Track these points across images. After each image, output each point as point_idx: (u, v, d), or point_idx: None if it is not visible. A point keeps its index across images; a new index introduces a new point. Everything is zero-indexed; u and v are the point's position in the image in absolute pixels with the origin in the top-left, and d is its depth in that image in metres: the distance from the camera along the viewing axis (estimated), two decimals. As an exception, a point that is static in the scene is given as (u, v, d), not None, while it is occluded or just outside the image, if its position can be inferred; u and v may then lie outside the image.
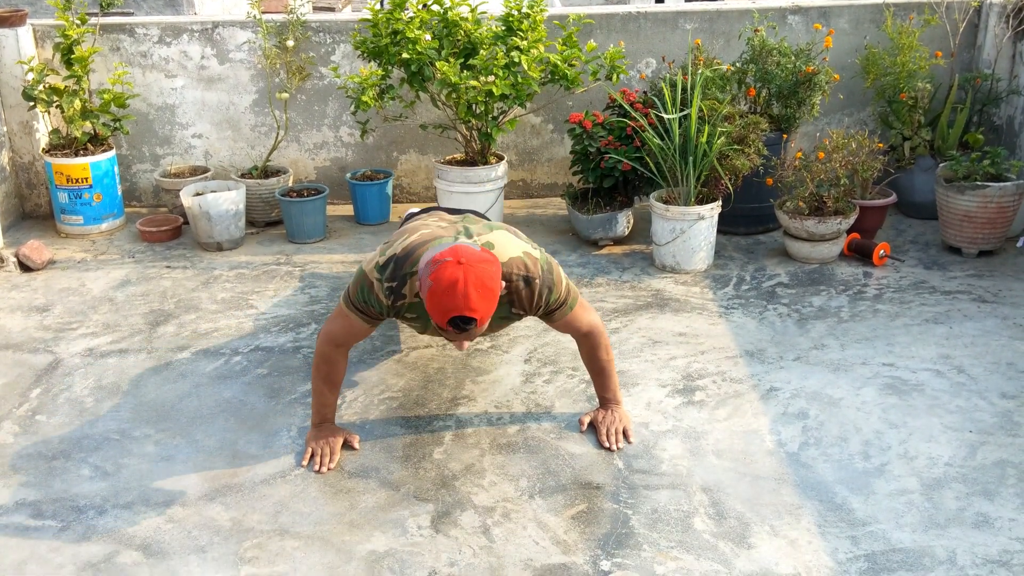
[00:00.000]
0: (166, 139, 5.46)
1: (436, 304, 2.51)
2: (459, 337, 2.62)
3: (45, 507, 2.83)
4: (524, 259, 2.79)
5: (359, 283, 2.83)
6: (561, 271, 2.89)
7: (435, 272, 2.50)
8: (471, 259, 2.52)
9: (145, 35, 5.28)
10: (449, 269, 2.49)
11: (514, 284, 2.78)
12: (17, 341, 3.89)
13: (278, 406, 3.36)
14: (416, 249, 2.75)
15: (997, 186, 4.39)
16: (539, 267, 2.81)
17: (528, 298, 2.81)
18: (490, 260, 2.57)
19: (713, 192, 4.47)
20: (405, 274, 2.74)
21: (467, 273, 2.48)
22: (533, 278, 2.79)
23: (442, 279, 2.48)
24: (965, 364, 3.54)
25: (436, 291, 2.49)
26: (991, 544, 2.58)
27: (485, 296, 2.51)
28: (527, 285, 2.79)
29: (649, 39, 5.33)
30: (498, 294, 2.57)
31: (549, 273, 2.82)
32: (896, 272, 4.41)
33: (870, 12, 5.28)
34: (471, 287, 2.48)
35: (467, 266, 2.49)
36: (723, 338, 3.79)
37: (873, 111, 5.30)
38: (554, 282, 2.83)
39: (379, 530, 2.70)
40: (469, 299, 2.48)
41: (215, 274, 4.54)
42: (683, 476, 2.91)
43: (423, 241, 2.78)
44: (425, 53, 4.63)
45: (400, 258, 2.75)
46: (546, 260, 2.85)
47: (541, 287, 2.80)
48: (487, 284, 2.52)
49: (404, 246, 2.79)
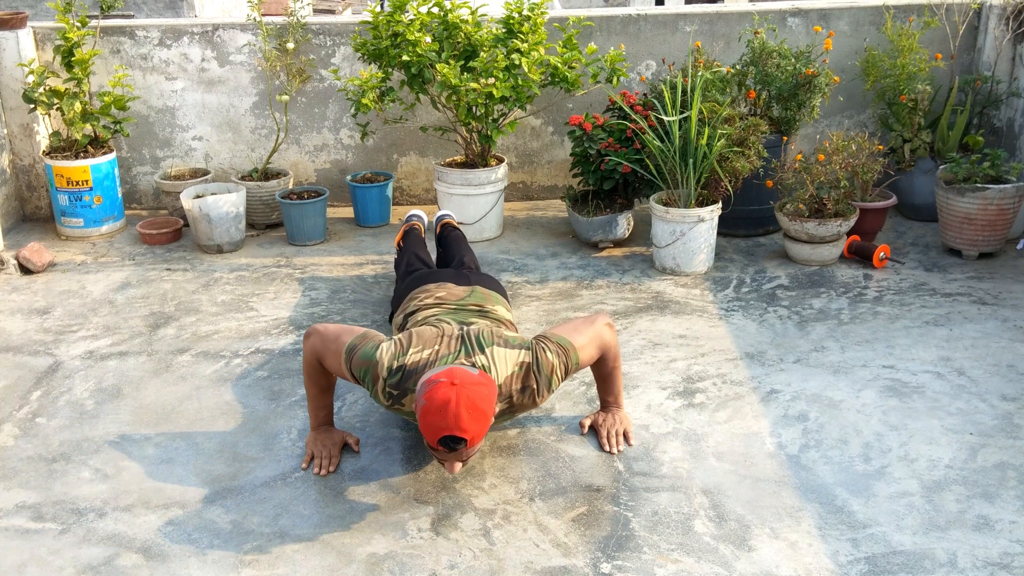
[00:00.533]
0: (166, 141, 5.46)
1: (427, 423, 2.54)
2: (450, 457, 2.63)
3: (45, 509, 2.83)
4: (518, 372, 2.82)
5: (366, 365, 2.80)
6: (551, 355, 2.85)
7: (428, 392, 2.54)
8: (464, 380, 2.55)
9: (145, 37, 5.28)
10: (442, 390, 2.52)
11: (515, 398, 2.83)
12: (17, 343, 3.89)
13: (278, 408, 3.36)
14: (423, 369, 2.77)
15: (997, 188, 4.39)
16: (531, 372, 2.83)
17: (532, 398, 2.86)
18: (484, 383, 2.60)
19: (713, 194, 4.47)
20: (408, 389, 2.78)
21: (459, 394, 2.52)
22: (529, 386, 2.83)
23: (435, 399, 2.52)
24: (965, 366, 3.54)
25: (428, 410, 2.53)
26: (992, 546, 2.58)
27: (476, 418, 2.54)
28: (528, 393, 2.84)
29: (649, 41, 5.34)
30: (491, 416, 2.61)
31: (540, 371, 2.83)
32: (896, 274, 4.41)
33: (870, 14, 5.28)
34: (462, 408, 2.51)
35: (460, 387, 2.53)
36: (723, 340, 3.79)
37: (873, 113, 5.30)
38: (549, 375, 2.84)
39: (379, 533, 2.70)
40: (460, 419, 2.51)
41: (215, 276, 4.54)
42: (683, 478, 2.91)
43: (432, 360, 2.77)
44: (425, 55, 4.64)
45: (408, 373, 2.77)
46: (535, 358, 2.84)
47: (541, 386, 2.84)
48: (479, 406, 2.55)
49: (415, 360, 2.78)
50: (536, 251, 4.81)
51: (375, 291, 4.34)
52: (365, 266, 4.66)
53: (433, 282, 3.44)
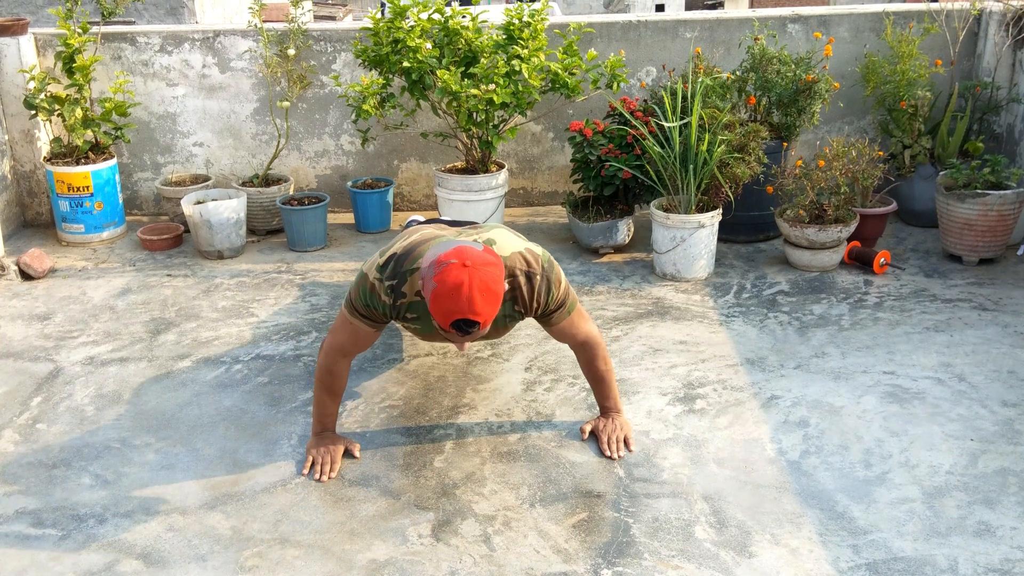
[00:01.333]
0: (167, 147, 5.47)
1: (440, 307, 2.50)
2: (461, 339, 2.62)
3: (45, 516, 2.83)
4: (526, 255, 2.80)
5: (360, 286, 2.83)
6: (562, 273, 2.90)
7: (439, 274, 2.49)
8: (476, 261, 2.50)
9: (146, 44, 5.29)
10: (454, 272, 2.48)
11: (516, 279, 2.78)
12: (18, 349, 3.89)
13: (279, 414, 3.36)
14: (416, 247, 2.75)
15: (997, 194, 4.40)
16: (540, 263, 2.82)
17: (529, 294, 2.81)
18: (494, 262, 2.56)
19: (713, 200, 4.47)
20: (405, 271, 2.74)
21: (472, 276, 2.47)
22: (534, 273, 2.80)
23: (447, 281, 2.47)
24: (966, 372, 3.54)
25: (440, 293, 2.48)
26: (993, 553, 2.58)
27: (489, 299, 2.51)
28: (528, 280, 2.80)
29: (649, 47, 5.34)
30: (501, 296, 2.57)
31: (550, 270, 2.83)
32: (897, 280, 4.41)
33: (870, 21, 5.29)
34: (475, 290, 2.47)
35: (472, 268, 2.48)
36: (724, 346, 3.79)
37: (873, 119, 5.31)
38: (553, 280, 2.84)
39: (380, 539, 2.70)
40: (473, 302, 2.47)
41: (216, 282, 4.55)
42: (684, 484, 2.91)
43: (423, 240, 2.78)
44: (426, 62, 4.64)
45: (400, 256, 2.75)
46: (547, 258, 2.86)
47: (541, 282, 2.81)
48: (491, 287, 2.51)
49: (404, 245, 2.79)
50: (536, 257, 4.81)
51: (376, 297, 4.34)
52: (366, 272, 4.66)
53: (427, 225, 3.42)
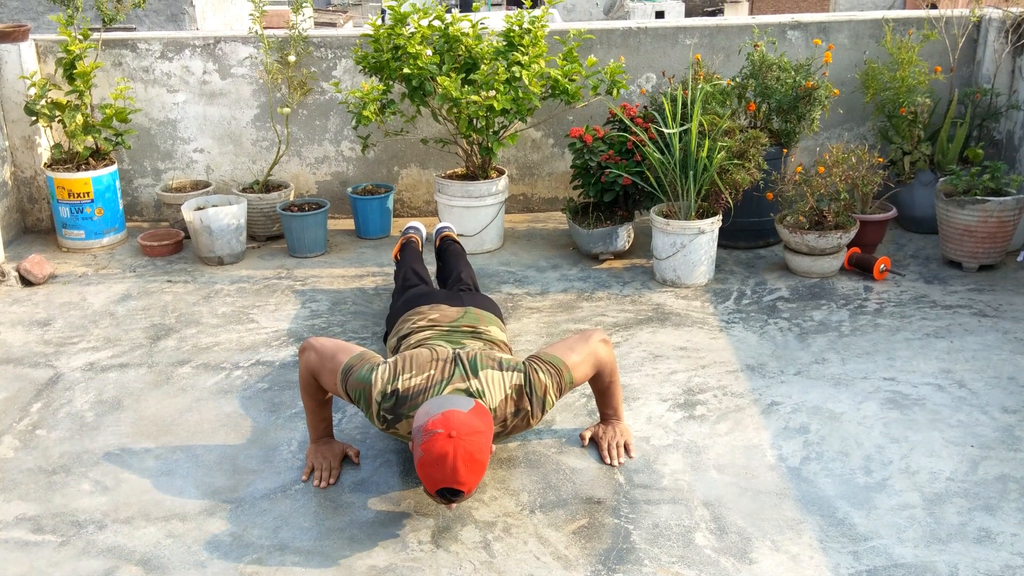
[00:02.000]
0: (168, 154, 5.48)
1: (426, 474, 2.55)
2: (446, 504, 2.66)
3: (45, 522, 2.82)
4: (512, 395, 2.83)
5: (362, 388, 2.82)
6: (547, 378, 2.86)
7: (426, 443, 2.53)
8: (462, 431, 2.54)
9: (147, 50, 5.30)
10: (439, 443, 2.51)
11: (509, 421, 2.84)
12: (18, 355, 3.89)
13: (278, 420, 3.36)
14: (418, 395, 2.77)
15: (997, 200, 4.40)
16: (524, 395, 2.84)
17: (526, 421, 2.87)
18: (481, 430, 2.59)
19: (713, 206, 4.48)
20: (402, 414, 2.78)
21: (457, 447, 2.51)
22: (523, 409, 2.84)
23: (432, 451, 2.51)
24: (966, 378, 3.54)
25: (426, 462, 2.53)
26: (993, 559, 2.57)
27: (473, 470, 2.55)
28: (522, 416, 2.85)
29: (649, 54, 5.35)
30: (487, 463, 2.61)
31: (533, 393, 2.84)
32: (897, 286, 4.41)
33: (869, 27, 5.30)
34: (460, 461, 2.51)
35: (457, 440, 2.52)
36: (724, 352, 3.79)
37: (873, 126, 5.31)
38: (542, 396, 2.85)
39: (379, 545, 2.69)
40: (458, 473, 2.52)
41: (216, 288, 4.55)
42: (684, 491, 2.90)
43: (426, 387, 2.78)
44: (426, 68, 4.65)
45: (402, 398, 2.78)
46: (528, 380, 2.85)
47: (535, 407, 2.85)
48: (476, 457, 2.55)
49: (408, 386, 2.79)
50: (537, 263, 4.81)
51: (375, 303, 4.34)
52: (366, 278, 4.66)
53: (427, 303, 3.45)
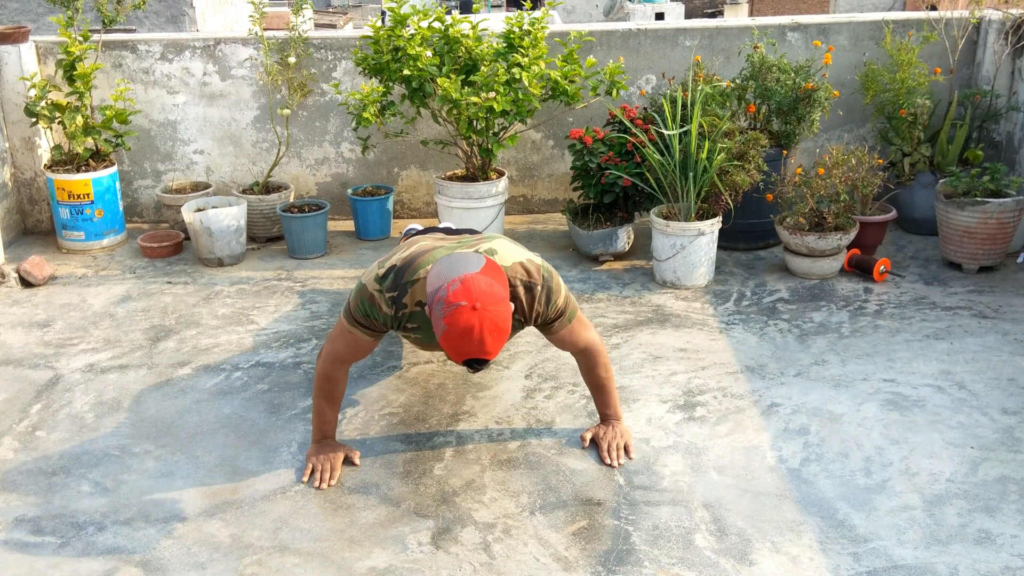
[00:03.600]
0: (168, 155, 5.48)
1: (452, 347, 2.54)
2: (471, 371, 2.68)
3: (45, 523, 2.82)
4: (526, 264, 2.84)
5: (359, 296, 2.85)
6: (562, 282, 2.93)
7: (449, 316, 2.51)
8: (485, 301, 2.52)
9: (147, 52, 5.30)
10: (464, 315, 2.50)
11: (516, 289, 2.81)
12: (18, 357, 3.89)
13: (278, 422, 3.36)
14: (416, 259, 2.78)
15: (997, 202, 4.40)
16: (540, 273, 2.85)
17: (529, 303, 2.84)
18: (502, 297, 2.58)
19: (713, 208, 4.48)
20: (406, 283, 2.76)
21: (482, 319, 2.50)
22: (534, 284, 2.83)
23: (458, 324, 2.50)
24: (966, 380, 3.54)
25: (451, 335, 2.52)
26: (993, 561, 2.57)
27: (499, 338, 2.55)
28: (528, 291, 2.83)
29: (649, 55, 5.35)
30: (509, 330, 2.61)
31: (550, 280, 2.86)
32: (896, 288, 4.41)
33: (869, 29, 5.30)
34: (486, 332, 2.51)
35: (482, 312, 2.51)
36: (724, 354, 3.79)
37: (873, 127, 5.32)
38: (553, 289, 2.87)
39: (379, 546, 2.69)
40: (484, 343, 2.51)
41: (216, 290, 4.55)
42: (684, 492, 2.91)
43: (422, 251, 2.80)
44: (426, 70, 4.65)
45: (400, 268, 2.78)
46: (547, 268, 2.89)
47: (541, 293, 2.84)
48: (501, 326, 2.55)
49: (403, 257, 2.82)
50: (536, 264, 4.81)
51: (376, 304, 4.35)
52: (366, 279, 4.66)
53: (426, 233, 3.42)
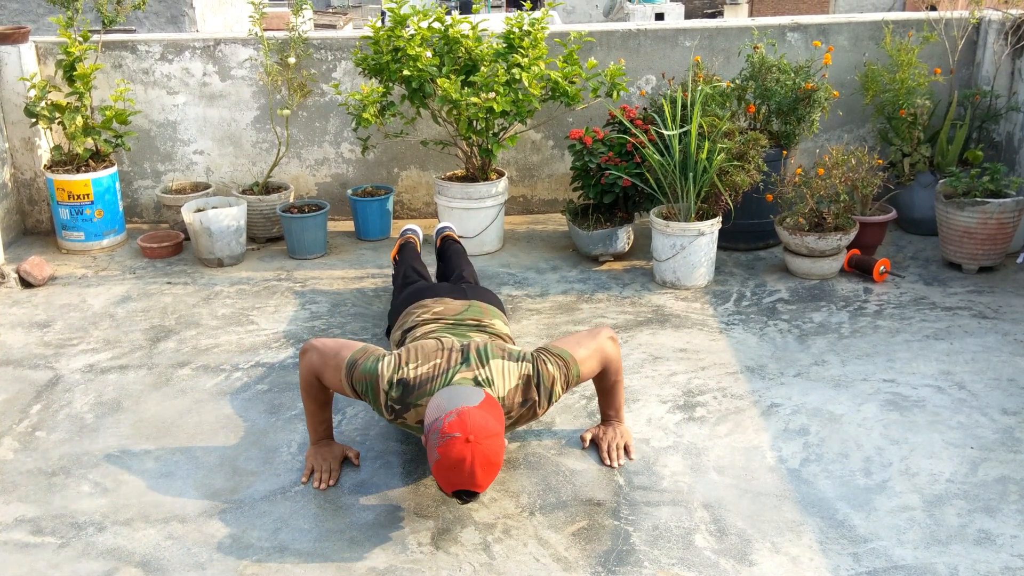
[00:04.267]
0: (167, 155, 5.48)
1: (443, 477, 2.57)
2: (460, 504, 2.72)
3: (44, 523, 2.82)
4: (520, 385, 2.83)
5: (368, 379, 2.81)
6: (550, 367, 2.86)
7: (443, 446, 2.53)
8: (479, 435, 2.54)
9: (147, 52, 5.30)
10: (457, 447, 2.52)
11: (516, 412, 2.84)
12: (18, 357, 3.89)
13: (278, 422, 3.36)
14: (426, 384, 2.77)
15: (997, 202, 4.40)
16: (532, 385, 2.84)
17: (535, 413, 2.88)
18: (496, 432, 2.59)
19: (713, 208, 4.48)
20: (411, 404, 2.78)
21: (475, 452, 2.52)
22: (530, 399, 2.84)
23: (450, 455, 2.52)
24: (966, 380, 3.54)
25: (443, 465, 2.54)
26: (993, 561, 2.57)
27: (490, 472, 2.58)
28: (530, 408, 2.86)
29: (649, 56, 5.35)
30: (501, 463, 2.64)
31: (541, 383, 2.85)
32: (896, 288, 4.41)
33: (869, 29, 5.30)
34: (478, 466, 2.53)
35: (475, 445, 2.52)
36: (724, 354, 3.79)
37: (872, 127, 5.32)
38: (547, 386, 2.85)
39: (379, 547, 2.69)
40: (475, 477, 2.54)
41: (216, 290, 4.55)
42: (684, 492, 2.90)
43: (433, 375, 2.78)
44: (426, 70, 4.65)
45: (410, 387, 2.78)
46: (536, 368, 2.85)
47: (542, 398, 2.85)
48: (493, 460, 2.57)
49: (416, 375, 2.79)
50: (536, 265, 4.81)
51: (375, 305, 4.34)
52: (365, 280, 4.66)
53: (430, 296, 3.44)
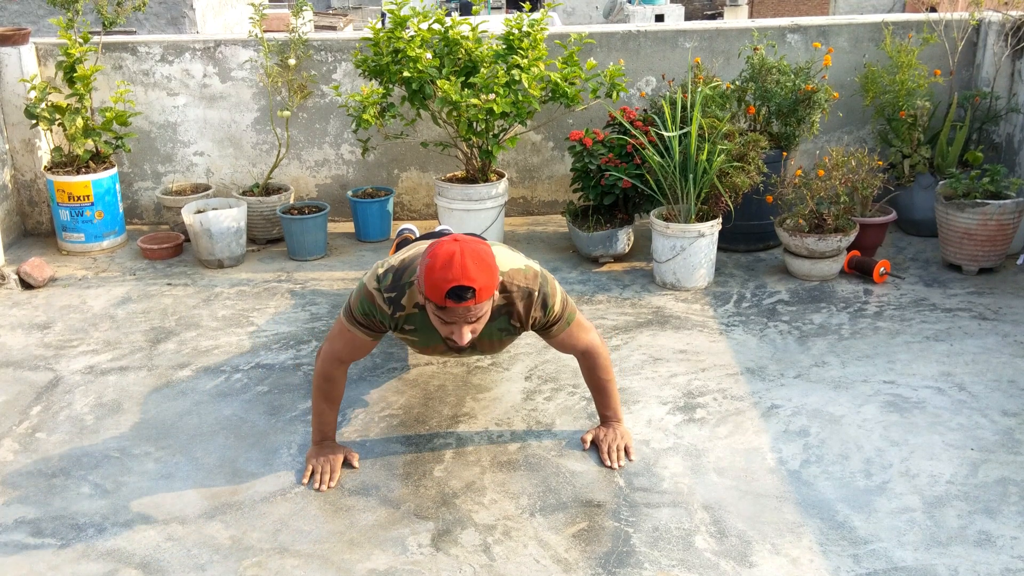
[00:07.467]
0: (168, 157, 5.48)
1: (433, 280, 2.51)
2: (459, 317, 2.57)
3: (44, 525, 2.82)
4: (523, 271, 2.84)
5: (360, 296, 2.87)
6: (559, 287, 2.93)
7: (432, 250, 2.54)
8: (467, 238, 2.56)
9: (147, 53, 5.30)
10: (445, 246, 2.53)
11: (512, 295, 2.81)
12: (18, 358, 3.89)
13: (278, 423, 3.36)
14: (414, 260, 2.80)
15: (997, 204, 4.40)
16: (537, 280, 2.85)
17: (526, 309, 2.85)
18: (485, 243, 2.61)
19: (713, 209, 4.48)
20: (404, 284, 2.78)
21: (463, 247, 2.53)
22: (531, 289, 2.83)
23: (439, 255, 2.52)
24: (966, 381, 3.54)
25: (433, 266, 2.51)
26: (993, 562, 2.57)
27: (482, 268, 2.53)
28: (525, 296, 2.83)
29: (649, 57, 5.36)
30: (496, 271, 2.60)
31: (546, 286, 2.86)
32: (896, 289, 4.41)
33: (869, 31, 5.31)
34: (468, 258, 2.51)
35: (463, 242, 2.54)
36: (724, 355, 3.79)
37: (872, 129, 5.32)
38: (550, 294, 2.87)
39: (379, 548, 2.69)
40: (467, 269, 2.50)
41: (216, 291, 4.55)
42: (684, 494, 2.90)
43: (420, 252, 2.81)
44: (426, 71, 4.65)
45: (399, 269, 2.80)
46: (544, 274, 2.89)
47: (538, 298, 2.84)
48: (483, 257, 2.55)
49: (402, 258, 2.85)
50: (536, 266, 4.81)
51: (375, 306, 4.35)
52: (366, 281, 4.66)
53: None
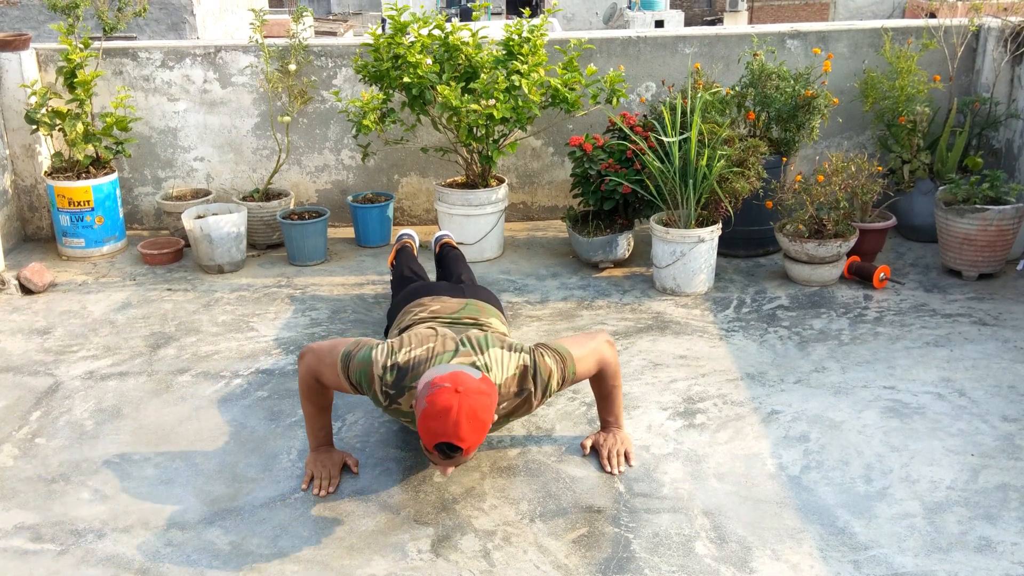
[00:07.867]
0: (168, 162, 5.48)
1: (426, 427, 2.53)
2: (444, 462, 2.63)
3: (44, 530, 2.82)
4: (517, 375, 2.83)
5: (362, 367, 2.81)
6: (548, 360, 2.87)
7: (431, 395, 2.52)
8: (468, 388, 2.53)
9: (148, 59, 5.31)
10: (444, 395, 2.50)
11: (511, 403, 2.84)
12: (18, 364, 3.88)
13: (278, 429, 3.36)
14: (420, 365, 2.77)
15: (996, 209, 4.40)
16: (529, 376, 2.84)
17: (531, 405, 2.87)
18: (487, 392, 2.58)
19: (713, 215, 4.48)
20: (405, 387, 2.78)
21: (461, 402, 2.50)
22: (527, 389, 2.84)
23: (436, 404, 2.50)
24: (966, 387, 3.54)
25: (428, 415, 2.51)
26: (993, 568, 2.57)
27: (475, 427, 2.53)
28: (526, 399, 2.85)
29: (649, 63, 5.36)
30: (489, 425, 2.60)
31: (536, 374, 2.84)
32: (896, 295, 4.41)
33: (868, 36, 5.31)
34: (463, 416, 2.50)
35: (463, 395, 2.51)
36: (724, 361, 3.79)
37: (872, 134, 5.32)
38: (543, 378, 2.85)
39: (379, 554, 2.69)
40: (459, 428, 2.50)
41: (216, 297, 4.55)
42: (684, 500, 2.90)
43: (427, 357, 2.79)
44: (426, 77, 4.66)
45: (403, 371, 2.78)
46: (532, 360, 2.86)
47: (536, 391, 2.84)
48: (479, 416, 2.54)
49: (409, 358, 2.79)
50: (536, 271, 4.81)
51: (375, 311, 4.34)
52: (365, 286, 4.66)
53: (427, 295, 3.43)
